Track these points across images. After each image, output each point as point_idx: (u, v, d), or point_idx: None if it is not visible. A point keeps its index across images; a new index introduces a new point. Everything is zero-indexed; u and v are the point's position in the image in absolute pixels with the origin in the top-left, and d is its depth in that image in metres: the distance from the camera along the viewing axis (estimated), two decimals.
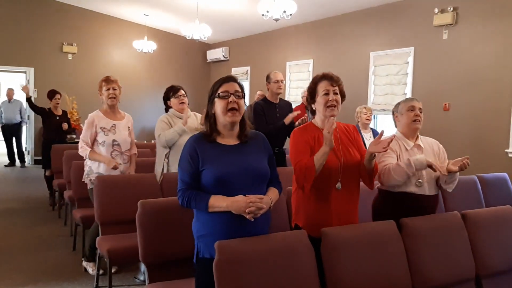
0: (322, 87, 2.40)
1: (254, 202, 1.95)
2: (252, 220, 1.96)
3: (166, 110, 3.94)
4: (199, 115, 3.83)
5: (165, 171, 3.74)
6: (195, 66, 11.58)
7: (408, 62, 6.73)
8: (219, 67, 11.45)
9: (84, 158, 3.70)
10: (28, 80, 9.79)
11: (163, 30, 10.87)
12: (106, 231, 3.41)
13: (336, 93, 2.39)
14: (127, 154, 3.80)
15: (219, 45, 11.17)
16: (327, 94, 2.37)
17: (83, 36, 10.18)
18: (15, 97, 9.70)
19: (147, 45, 9.80)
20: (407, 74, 6.74)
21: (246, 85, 10.14)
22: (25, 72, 9.98)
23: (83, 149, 3.63)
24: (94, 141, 3.67)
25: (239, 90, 2.09)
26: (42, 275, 3.75)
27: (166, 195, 3.58)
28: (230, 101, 2.04)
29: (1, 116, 9.46)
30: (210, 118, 2.10)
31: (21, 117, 9.54)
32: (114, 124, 3.72)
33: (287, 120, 4.21)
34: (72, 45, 10.04)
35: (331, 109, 2.36)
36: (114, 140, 3.67)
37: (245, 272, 1.94)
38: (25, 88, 6.52)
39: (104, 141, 3.64)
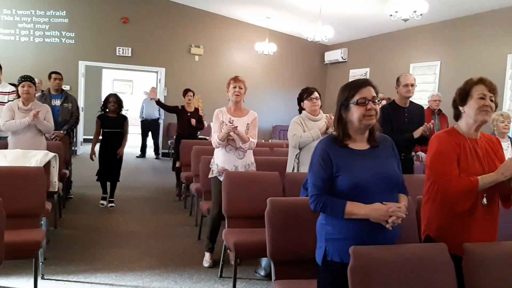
0: (478, 90, 2.23)
1: (394, 211, 1.90)
2: (391, 229, 1.92)
3: (300, 112, 3.99)
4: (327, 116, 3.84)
5: (295, 171, 3.81)
6: (312, 67, 11.61)
7: None
8: (337, 68, 11.35)
9: (216, 145, 3.87)
10: (160, 79, 10.65)
11: (283, 32, 11.08)
12: (232, 224, 3.57)
13: (492, 100, 2.23)
14: (242, 150, 3.93)
15: (338, 46, 11.06)
16: (483, 98, 2.21)
17: (209, 39, 10.78)
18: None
19: (268, 47, 10.07)
20: None
21: None
22: (156, 72, 10.89)
23: (213, 140, 3.86)
24: None
25: (375, 95, 2.03)
26: (171, 261, 4.05)
27: (288, 194, 3.66)
28: (369, 109, 2.00)
29: (142, 112, 10.41)
30: (343, 123, 2.08)
31: (159, 114, 10.38)
32: (233, 119, 3.88)
33: (417, 133, 3.97)
34: (199, 47, 10.69)
35: (484, 113, 2.20)
36: (229, 135, 3.83)
37: (380, 279, 1.89)
38: (151, 94, 7.09)
39: None
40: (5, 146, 4.47)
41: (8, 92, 5.03)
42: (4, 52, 8.86)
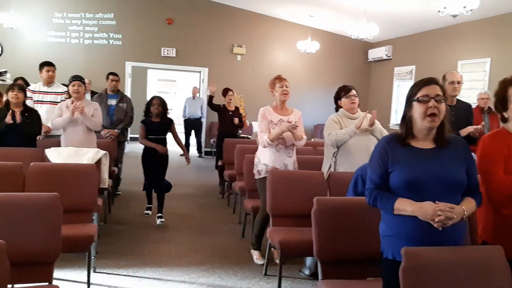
0: None
1: (444, 210, 1.85)
2: (440, 229, 1.87)
3: (336, 110, 3.96)
4: (369, 115, 3.78)
5: (332, 169, 3.78)
6: (355, 65, 11.45)
7: None
8: (381, 66, 11.13)
9: (265, 145, 3.84)
10: (203, 79, 10.81)
11: (325, 30, 10.98)
12: (277, 223, 3.59)
13: None
14: (292, 148, 3.93)
15: (382, 43, 10.84)
16: None
17: (251, 38, 10.83)
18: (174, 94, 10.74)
19: (310, 46, 10.01)
20: None
21: (410, 85, 9.63)
22: (199, 72, 11.06)
23: (262, 139, 3.85)
24: None
25: (440, 93, 1.99)
26: (216, 257, 4.11)
27: (333, 194, 3.64)
28: (430, 106, 1.96)
29: (185, 111, 10.61)
30: (406, 121, 2.05)
31: (202, 113, 10.55)
32: (281, 119, 3.88)
33: (464, 132, 3.84)
34: (241, 46, 10.77)
35: None
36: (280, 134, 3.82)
37: (432, 281, 1.86)
38: (213, 87, 7.05)
39: None
40: (58, 144, 4.67)
41: (61, 92, 5.26)
42: (55, 54, 9.23)
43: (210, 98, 7.03)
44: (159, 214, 5.10)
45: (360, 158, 3.50)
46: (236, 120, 6.65)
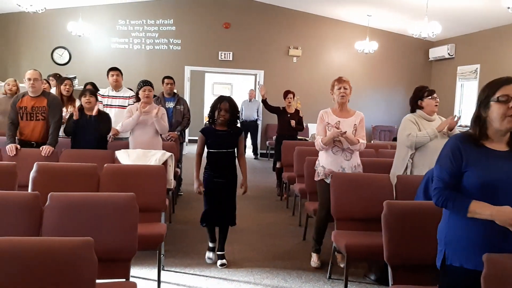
0: None
1: None
2: None
3: (413, 110, 3.85)
4: (443, 118, 3.67)
5: (408, 172, 3.69)
6: (415, 65, 11.12)
7: None
8: (442, 65, 10.74)
9: (320, 148, 3.85)
10: (259, 82, 10.91)
11: (384, 29, 10.74)
12: (342, 226, 3.56)
13: None
14: (349, 151, 3.86)
15: (444, 42, 10.45)
16: None
17: (307, 40, 10.80)
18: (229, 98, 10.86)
19: (368, 46, 9.83)
20: None
21: (474, 85, 9.26)
22: (255, 75, 11.17)
23: (317, 142, 3.84)
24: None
25: None
26: (279, 259, 4.13)
27: (400, 197, 3.56)
28: (511, 107, 1.88)
29: (242, 114, 10.75)
30: (481, 122, 1.98)
31: (258, 115, 10.66)
32: (339, 121, 3.83)
33: None
34: (297, 48, 10.76)
35: None
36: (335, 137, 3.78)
37: None
38: (262, 89, 7.14)
39: None
40: (126, 146, 4.88)
41: (128, 97, 5.49)
42: (119, 60, 9.64)
43: (264, 101, 7.06)
44: (220, 253, 3.94)
45: None
46: (293, 123, 6.65)
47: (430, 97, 3.73)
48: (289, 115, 6.73)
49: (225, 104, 3.80)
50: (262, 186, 7.60)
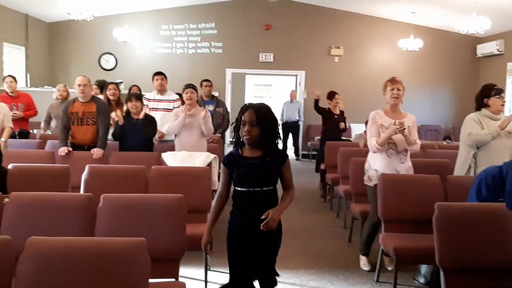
0: None
1: None
2: None
3: (477, 109, 3.73)
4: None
5: (471, 172, 3.59)
6: (462, 62, 10.75)
7: None
8: (491, 62, 10.31)
9: (375, 150, 3.74)
10: (300, 82, 10.86)
11: (429, 26, 10.45)
12: (390, 229, 3.48)
13: None
14: (405, 154, 3.77)
15: (493, 38, 10.04)
16: None
17: (349, 39, 10.66)
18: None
19: (413, 43, 9.59)
20: None
21: None
22: (296, 75, 11.13)
23: (371, 144, 3.74)
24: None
25: None
26: (323, 261, 4.09)
27: (451, 199, 3.45)
28: None
29: (283, 114, 10.74)
30: None
31: (299, 116, 10.61)
32: (394, 122, 3.74)
33: None
34: (339, 48, 10.64)
35: None
36: (390, 139, 3.69)
37: None
38: (317, 90, 6.96)
39: None
40: (172, 148, 4.98)
41: (173, 100, 5.60)
42: (163, 64, 9.85)
43: (316, 101, 6.88)
44: None
45: (502, 160, 3.25)
46: (342, 125, 6.57)
47: (497, 96, 3.61)
48: (336, 116, 6.64)
49: (250, 114, 2.34)
50: (305, 187, 7.55)
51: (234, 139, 2.50)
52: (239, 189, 2.45)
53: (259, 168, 2.39)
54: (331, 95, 6.70)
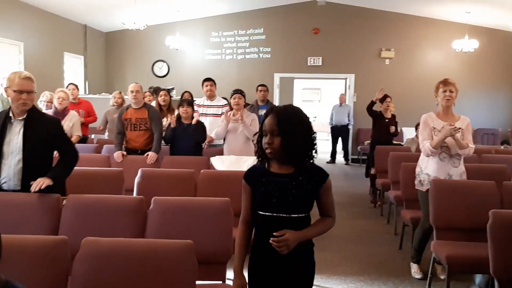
0: None
1: None
2: None
3: None
4: None
5: None
6: None
7: None
8: None
9: (428, 154, 3.62)
10: (349, 86, 10.72)
11: (485, 26, 10.01)
12: (442, 236, 3.37)
13: None
14: (458, 158, 3.64)
15: None
16: None
17: (400, 41, 10.41)
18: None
19: (468, 44, 9.22)
20: None
21: None
22: (345, 79, 11.00)
23: (424, 147, 3.63)
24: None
25: None
26: (373, 268, 4.01)
27: (507, 207, 3.29)
28: None
29: (332, 118, 10.66)
30: None
31: (349, 120, 10.48)
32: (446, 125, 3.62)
33: None
34: (389, 50, 10.42)
35: None
36: (443, 142, 3.57)
37: None
38: (380, 93, 6.74)
39: None
40: (221, 152, 5.07)
41: (222, 105, 5.71)
42: (212, 70, 10.05)
43: (372, 103, 6.59)
44: None
45: None
46: (392, 129, 6.42)
47: None
48: (387, 120, 6.50)
49: (270, 121, 1.88)
50: (354, 192, 7.44)
51: (258, 152, 1.97)
52: (261, 213, 1.94)
53: (288, 189, 1.88)
54: (382, 98, 6.56)
